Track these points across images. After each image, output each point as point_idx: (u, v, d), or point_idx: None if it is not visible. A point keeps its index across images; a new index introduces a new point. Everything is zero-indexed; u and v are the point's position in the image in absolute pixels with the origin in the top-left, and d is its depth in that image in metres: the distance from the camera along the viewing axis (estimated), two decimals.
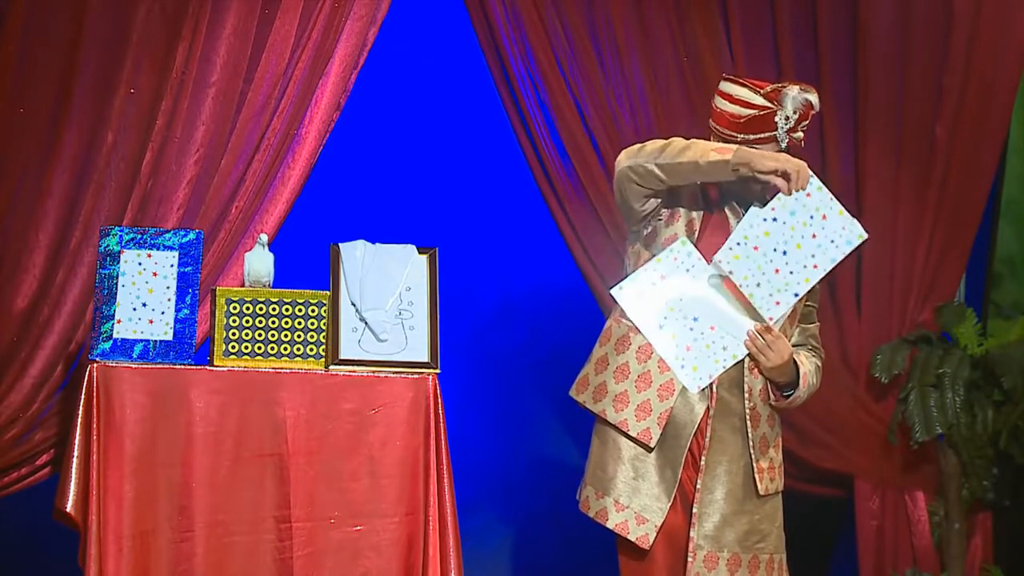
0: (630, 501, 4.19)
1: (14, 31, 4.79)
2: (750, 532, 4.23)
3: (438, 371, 4.57)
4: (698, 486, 4.18)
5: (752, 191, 4.17)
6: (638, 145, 4.18)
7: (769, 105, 4.13)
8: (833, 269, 4.17)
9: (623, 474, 4.20)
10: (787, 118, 4.12)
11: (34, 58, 4.82)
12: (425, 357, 4.58)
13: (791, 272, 4.15)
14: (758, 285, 4.15)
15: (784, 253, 4.14)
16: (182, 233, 4.57)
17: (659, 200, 4.19)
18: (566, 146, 5.35)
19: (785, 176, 4.07)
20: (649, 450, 4.18)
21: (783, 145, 4.14)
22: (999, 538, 5.70)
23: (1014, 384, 5.46)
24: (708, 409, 4.19)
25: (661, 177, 4.10)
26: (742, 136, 4.13)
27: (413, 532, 4.48)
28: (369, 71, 5.23)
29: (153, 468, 4.37)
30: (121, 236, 4.53)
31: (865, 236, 4.16)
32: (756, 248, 4.14)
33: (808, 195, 4.13)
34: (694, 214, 4.22)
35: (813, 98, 4.16)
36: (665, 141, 4.13)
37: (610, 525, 4.21)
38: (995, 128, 5.68)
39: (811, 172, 4.13)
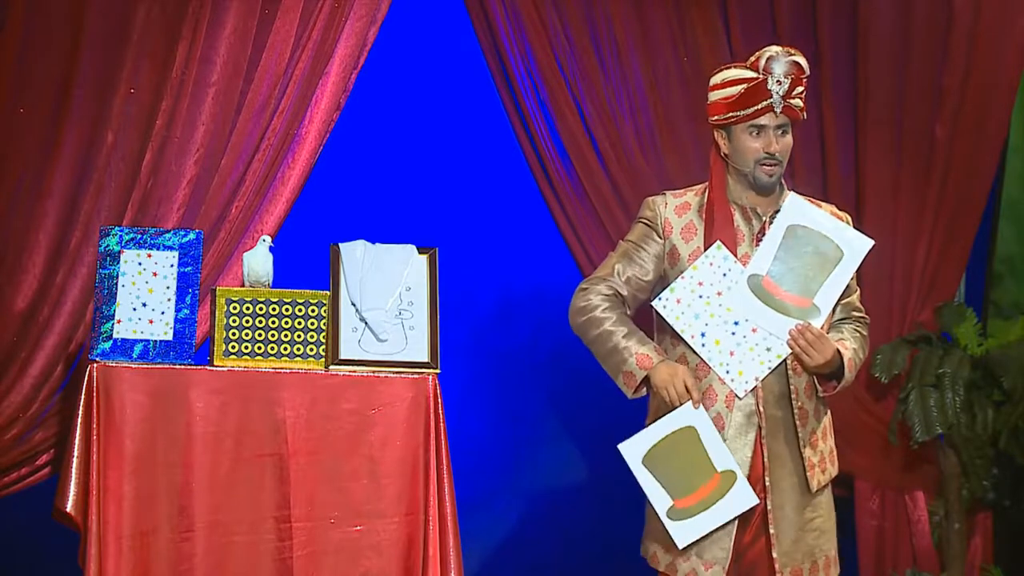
0: (692, 549, 4.15)
1: (14, 31, 4.79)
2: (818, 536, 4.23)
3: (438, 371, 4.57)
4: (769, 507, 4.16)
5: (762, 190, 4.18)
6: (582, 300, 4.23)
7: (757, 75, 4.12)
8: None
9: None
10: (779, 82, 4.10)
11: (34, 58, 4.82)
12: (425, 357, 4.58)
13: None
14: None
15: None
16: (182, 233, 4.57)
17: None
18: (566, 146, 5.35)
19: (667, 396, 4.12)
20: None
21: (778, 110, 4.11)
22: (999, 538, 5.70)
23: (1014, 384, 5.46)
24: (760, 430, 4.17)
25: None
26: (738, 114, 4.12)
27: (413, 532, 4.48)
28: (369, 71, 5.23)
29: (153, 468, 4.37)
30: (121, 236, 4.53)
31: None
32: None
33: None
34: (696, 242, 4.24)
35: (801, 60, 4.14)
36: (596, 329, 4.19)
37: None
38: (995, 128, 5.67)
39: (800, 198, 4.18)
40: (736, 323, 4.16)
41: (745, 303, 4.15)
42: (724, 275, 4.16)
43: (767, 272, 4.13)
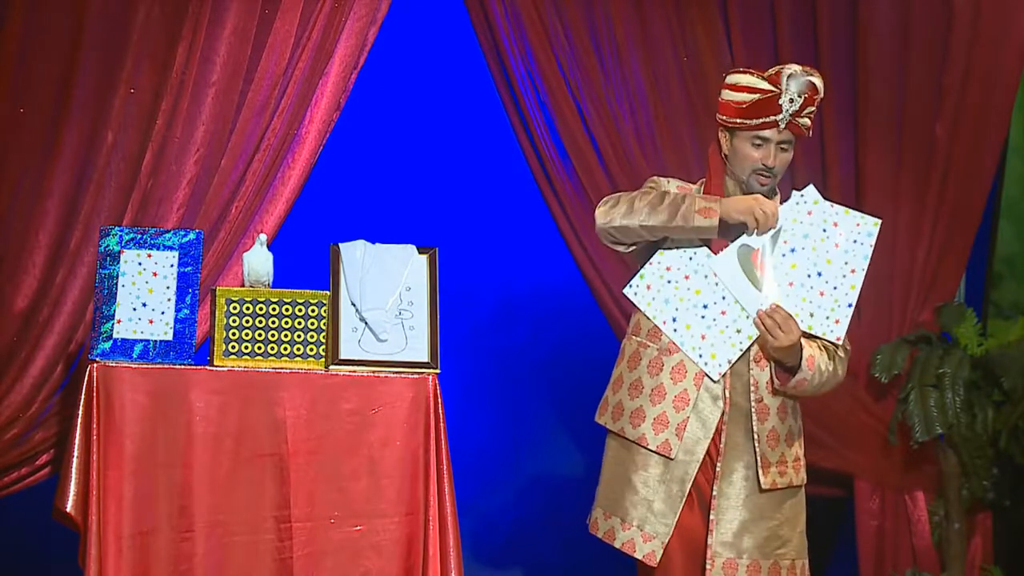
0: (635, 519, 4.17)
1: (14, 31, 4.79)
2: (770, 538, 4.21)
3: (438, 371, 4.57)
4: (715, 492, 4.17)
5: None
6: (613, 200, 4.19)
7: (772, 88, 4.12)
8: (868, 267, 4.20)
9: (628, 493, 4.18)
10: (791, 100, 4.11)
11: (34, 58, 4.82)
12: (425, 357, 4.58)
13: (835, 287, 4.16)
14: (811, 315, 4.16)
15: (819, 275, 4.15)
16: (182, 233, 4.57)
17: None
18: (566, 146, 5.35)
19: (755, 221, 4.10)
20: (668, 459, 4.16)
21: (782, 126, 4.13)
22: (999, 538, 5.70)
23: (1014, 384, 5.46)
24: (723, 414, 4.18)
25: (646, 237, 4.16)
26: (745, 121, 4.13)
27: (413, 532, 4.48)
28: (369, 71, 5.23)
29: (153, 468, 4.37)
30: (121, 236, 4.53)
31: (879, 222, 4.17)
32: (791, 284, 4.15)
33: (810, 213, 4.15)
34: None
35: (817, 81, 4.14)
36: (644, 196, 4.14)
37: (617, 544, 4.20)
38: (995, 128, 5.68)
39: (812, 186, 4.16)
40: (705, 306, 4.18)
41: (713, 286, 4.16)
42: (690, 258, 4.19)
43: (758, 247, 4.16)
